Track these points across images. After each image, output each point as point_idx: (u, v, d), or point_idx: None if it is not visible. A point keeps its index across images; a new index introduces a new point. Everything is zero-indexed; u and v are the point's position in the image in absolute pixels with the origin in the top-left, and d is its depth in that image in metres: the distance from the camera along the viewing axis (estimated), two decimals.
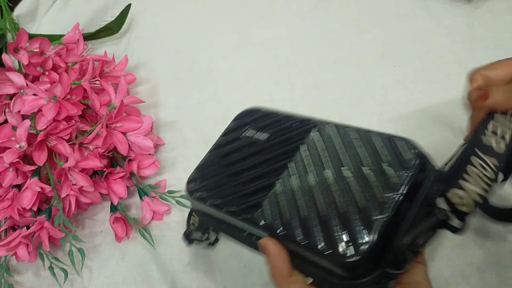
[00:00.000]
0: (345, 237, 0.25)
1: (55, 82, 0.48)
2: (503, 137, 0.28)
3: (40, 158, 0.45)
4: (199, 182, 0.36)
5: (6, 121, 0.49)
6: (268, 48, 0.60)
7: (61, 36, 0.56)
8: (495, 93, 0.28)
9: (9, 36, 0.61)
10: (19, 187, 0.47)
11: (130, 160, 0.49)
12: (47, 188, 0.45)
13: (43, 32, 0.63)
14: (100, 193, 0.49)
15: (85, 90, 0.50)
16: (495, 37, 0.57)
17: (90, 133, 0.47)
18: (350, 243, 0.25)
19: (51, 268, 0.46)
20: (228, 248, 0.47)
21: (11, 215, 0.45)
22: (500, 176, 0.28)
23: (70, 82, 0.49)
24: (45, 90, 0.47)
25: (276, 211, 0.30)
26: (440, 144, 0.48)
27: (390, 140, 0.28)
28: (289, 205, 0.29)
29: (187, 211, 0.50)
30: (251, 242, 0.32)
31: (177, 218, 0.50)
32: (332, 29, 0.60)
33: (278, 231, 0.29)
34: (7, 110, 0.49)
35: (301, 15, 0.62)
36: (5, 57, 0.51)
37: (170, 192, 0.50)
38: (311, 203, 0.28)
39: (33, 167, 0.46)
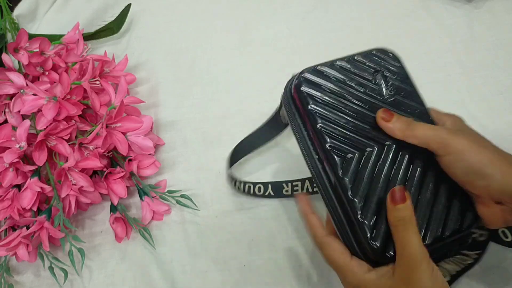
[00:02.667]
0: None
1: (55, 82, 0.48)
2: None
3: (40, 158, 0.45)
4: (312, 82, 0.36)
5: (6, 121, 0.49)
6: (268, 48, 0.60)
7: (61, 36, 0.56)
8: (396, 120, 0.34)
9: (9, 36, 0.61)
10: (19, 187, 0.47)
11: (130, 160, 0.49)
12: (47, 188, 0.45)
13: (43, 32, 0.63)
14: (100, 193, 0.49)
15: (85, 90, 0.50)
16: (495, 37, 0.57)
17: (90, 133, 0.47)
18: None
19: (51, 268, 0.46)
20: (228, 248, 0.48)
21: (11, 215, 0.45)
22: None
23: (70, 82, 0.49)
24: (45, 90, 0.47)
25: (357, 174, 0.34)
26: None
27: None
28: (371, 177, 0.34)
29: (187, 210, 0.50)
30: (314, 164, 0.36)
31: (177, 218, 0.50)
32: (332, 29, 0.60)
33: (350, 192, 0.34)
34: (7, 110, 0.49)
35: (301, 15, 0.62)
36: (5, 57, 0.51)
37: (170, 192, 0.50)
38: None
39: (33, 167, 0.46)
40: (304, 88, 0.36)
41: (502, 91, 0.54)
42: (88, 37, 0.61)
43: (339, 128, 0.35)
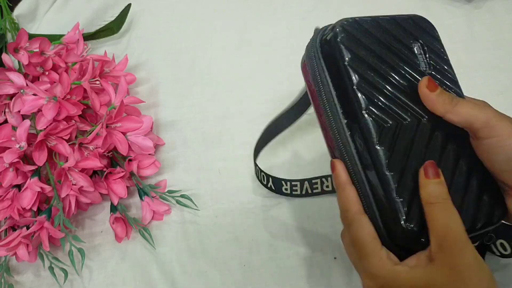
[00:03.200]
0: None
1: (55, 82, 0.48)
2: None
3: (40, 158, 0.45)
4: (351, 34, 0.32)
5: (6, 121, 0.49)
6: (268, 48, 0.60)
7: (61, 36, 0.56)
8: (439, 93, 0.31)
9: (9, 36, 0.61)
10: (19, 187, 0.47)
11: (130, 160, 0.49)
12: (47, 188, 0.45)
13: (43, 32, 0.63)
14: (100, 193, 0.49)
15: (85, 90, 0.50)
16: (495, 37, 0.57)
17: (90, 133, 0.47)
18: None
19: (51, 268, 0.46)
20: (228, 248, 0.48)
21: (11, 215, 0.45)
22: None
23: (70, 82, 0.49)
24: (45, 90, 0.47)
25: (393, 146, 0.30)
26: None
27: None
28: (409, 152, 0.30)
29: (187, 210, 0.50)
30: (341, 130, 0.32)
31: (177, 218, 0.50)
32: None
33: (385, 165, 0.30)
34: (7, 110, 0.49)
35: (301, 15, 0.62)
36: (5, 57, 0.51)
37: (170, 192, 0.50)
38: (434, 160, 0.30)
39: (33, 167, 0.46)
40: (341, 39, 0.31)
41: (502, 91, 0.54)
42: (88, 37, 0.61)
43: (377, 92, 0.31)
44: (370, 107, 0.30)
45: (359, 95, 0.30)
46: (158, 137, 0.53)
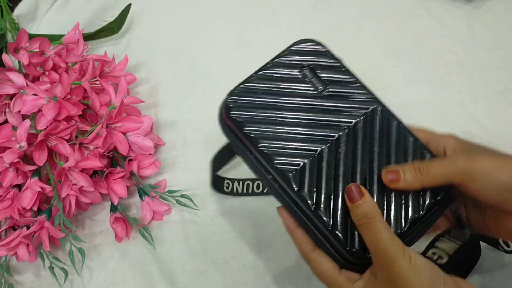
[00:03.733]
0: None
1: (55, 82, 0.48)
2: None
3: (40, 158, 0.45)
4: (239, 104, 0.34)
5: (6, 121, 0.49)
6: (268, 48, 0.60)
7: (61, 36, 0.56)
8: (404, 175, 0.32)
9: (9, 36, 0.61)
10: (19, 187, 0.47)
11: (130, 160, 0.49)
12: (47, 188, 0.45)
13: (43, 32, 0.63)
14: (100, 193, 0.49)
15: (85, 90, 0.50)
16: (495, 37, 0.57)
17: (90, 133, 0.47)
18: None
19: (51, 268, 0.46)
20: (228, 248, 0.48)
21: (11, 215, 0.45)
22: None
23: (70, 82, 0.49)
24: (45, 90, 0.47)
25: (313, 182, 0.32)
26: None
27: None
28: (329, 180, 0.32)
29: (187, 210, 0.50)
30: (272, 185, 0.34)
31: (177, 218, 0.50)
32: (332, 29, 0.60)
33: (311, 205, 0.32)
34: (7, 110, 0.50)
35: (301, 15, 0.62)
36: (5, 57, 0.51)
37: (170, 192, 0.50)
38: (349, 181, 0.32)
39: (33, 167, 0.46)
40: (233, 113, 0.34)
41: (502, 91, 0.54)
42: (88, 37, 0.61)
43: (281, 142, 0.33)
44: (278, 159, 0.33)
45: (265, 152, 0.33)
46: (158, 137, 0.53)
